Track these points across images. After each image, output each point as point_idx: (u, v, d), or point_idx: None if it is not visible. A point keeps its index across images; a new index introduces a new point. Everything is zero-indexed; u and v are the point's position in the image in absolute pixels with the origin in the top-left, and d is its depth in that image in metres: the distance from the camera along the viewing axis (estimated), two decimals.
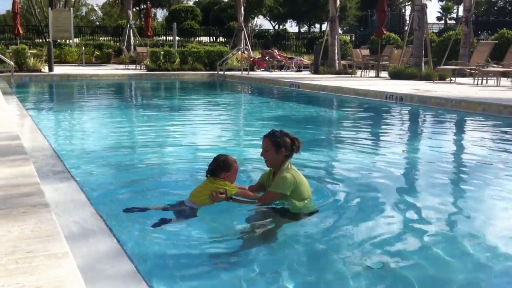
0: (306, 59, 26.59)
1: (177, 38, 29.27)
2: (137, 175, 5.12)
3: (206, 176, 3.92)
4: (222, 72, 20.38)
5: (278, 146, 3.83)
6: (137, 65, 23.51)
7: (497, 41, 18.92)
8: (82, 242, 3.05)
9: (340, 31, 43.71)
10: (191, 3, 51.49)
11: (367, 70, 20.07)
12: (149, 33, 28.31)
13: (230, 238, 3.44)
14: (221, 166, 3.85)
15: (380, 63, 19.62)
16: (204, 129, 8.57)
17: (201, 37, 39.80)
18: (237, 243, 3.36)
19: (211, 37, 40.42)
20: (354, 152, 6.58)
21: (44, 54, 21.56)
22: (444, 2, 65.17)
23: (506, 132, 8.51)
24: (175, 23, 28.60)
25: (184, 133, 8.12)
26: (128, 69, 23.15)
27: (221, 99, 14.98)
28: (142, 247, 3.24)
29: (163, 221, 3.54)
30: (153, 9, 48.43)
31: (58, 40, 28.00)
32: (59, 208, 3.60)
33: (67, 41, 28.79)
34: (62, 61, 25.77)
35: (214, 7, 41.79)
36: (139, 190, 4.54)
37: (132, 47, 28.54)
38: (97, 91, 16.54)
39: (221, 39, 39.08)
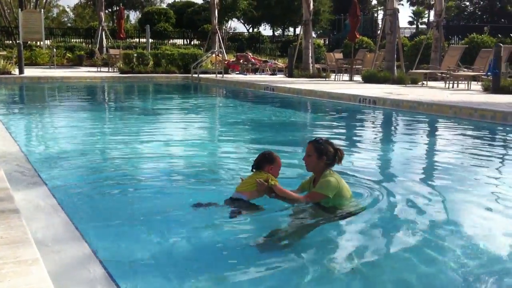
0: (281, 63, 26.68)
1: (150, 40, 29.03)
2: (109, 179, 5.05)
3: (252, 170, 4.21)
4: (196, 75, 20.30)
5: (320, 153, 4.00)
6: (110, 68, 23.25)
7: (467, 46, 19.30)
8: (53, 248, 2.99)
9: (314, 35, 44.02)
10: (164, 6, 51.22)
11: (341, 74, 20.25)
12: (122, 35, 28.02)
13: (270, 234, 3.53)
14: (266, 158, 4.17)
15: (354, 66, 19.82)
16: (179, 132, 8.53)
17: (175, 40, 39.58)
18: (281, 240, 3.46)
19: (185, 40, 40.24)
20: None
21: (14, 56, 21.14)
22: (415, 7, 66.23)
23: (476, 135, 8.69)
24: (148, 25, 28.36)
25: (157, 137, 8.05)
26: (100, 71, 22.87)
27: (196, 102, 14.91)
28: (115, 252, 3.19)
29: (236, 213, 3.77)
30: (126, 11, 47.97)
31: (29, 42, 27.50)
32: (29, 214, 3.52)
33: (38, 43, 28.29)
34: (33, 63, 25.30)
35: (188, 10, 41.62)
36: (111, 194, 4.47)
37: (105, 49, 28.21)
38: (68, 94, 16.29)
39: (195, 41, 38.95)
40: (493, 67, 13.43)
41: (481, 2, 55.63)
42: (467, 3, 57.21)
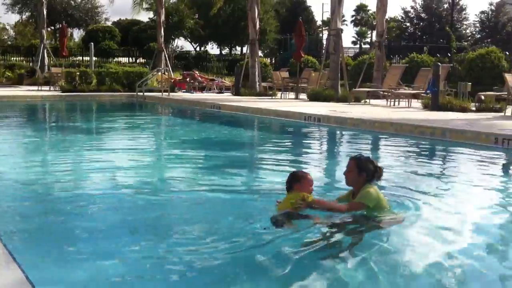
0: (228, 81, 26.69)
1: (94, 58, 28.42)
2: (46, 203, 4.81)
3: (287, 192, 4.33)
4: (141, 94, 19.98)
5: (361, 170, 4.21)
6: (52, 86, 22.53)
7: (407, 65, 19.96)
8: None
9: (260, 54, 44.46)
10: (109, 23, 50.39)
11: (287, 92, 20.44)
12: (64, 53, 27.26)
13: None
14: (293, 178, 4.30)
15: (299, 85, 20.07)
16: (122, 152, 8.26)
17: (120, 58, 38.98)
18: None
19: (130, 58, 39.70)
20: (273, 172, 6.60)
21: None
22: (359, 28, 68.23)
23: (416, 151, 8.91)
24: (92, 43, 27.80)
25: (100, 157, 7.76)
26: (41, 90, 22.12)
27: (141, 121, 14.62)
28: (50, 276, 3.01)
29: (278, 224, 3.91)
30: (69, 29, 46.86)
31: None
32: None
33: None
34: None
35: (134, 28, 41.14)
36: (47, 218, 4.25)
37: (46, 67, 27.39)
38: (6, 114, 15.62)
39: (141, 60, 38.49)
40: (432, 85, 13.90)
41: (421, 23, 57.97)
42: (408, 24, 59.46)
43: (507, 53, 22.66)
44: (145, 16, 40.73)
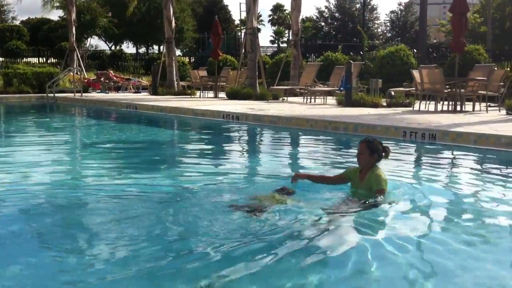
0: (145, 80, 26.14)
1: (1, 59, 26.83)
2: None
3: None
4: (52, 95, 19.08)
5: (372, 152, 4.62)
6: None
7: (322, 63, 20.44)
8: None
9: (179, 53, 44.04)
10: (17, 23, 47.80)
11: (206, 91, 20.32)
12: None
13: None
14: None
15: (218, 84, 20.00)
16: (33, 157, 7.72)
17: (29, 58, 37.06)
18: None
19: (41, 58, 37.85)
20: (190, 170, 6.51)
21: None
22: (276, 27, 69.28)
23: (329, 146, 9.12)
24: None
25: (9, 162, 7.25)
26: None
27: (52, 123, 13.92)
28: None
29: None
30: None
31: None
32: None
33: None
34: None
35: (44, 27, 39.22)
36: None
37: None
38: None
39: (53, 60, 36.78)
40: (345, 82, 14.31)
41: (335, 23, 59.85)
42: (323, 23, 61.19)
43: (415, 50, 23.87)
44: (55, 15, 39.00)
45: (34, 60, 37.03)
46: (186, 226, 4.04)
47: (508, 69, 16.09)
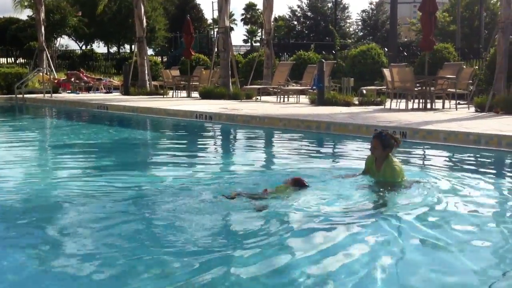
0: (117, 80, 25.84)
1: None
2: None
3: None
4: (21, 96, 18.69)
5: (385, 147, 4.97)
6: None
7: (295, 62, 20.50)
8: None
9: (151, 52, 43.63)
10: None
11: (179, 91, 20.18)
12: None
13: None
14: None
15: (191, 83, 19.89)
16: (1, 158, 7.54)
17: None
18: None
19: (9, 58, 37.02)
20: (163, 171, 6.45)
21: None
22: (249, 26, 69.29)
23: (303, 144, 9.15)
24: None
25: None
26: None
27: (20, 124, 13.64)
28: None
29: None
30: None
31: None
32: None
33: None
34: None
35: (12, 26, 38.38)
36: None
37: None
38: None
39: (21, 60, 36.01)
40: (317, 81, 14.38)
41: (308, 22, 60.10)
42: (296, 23, 61.38)
43: (386, 49, 24.14)
44: (24, 14, 38.15)
45: (2, 60, 36.21)
46: (160, 224, 4.00)
47: (477, 67, 16.42)
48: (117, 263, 3.29)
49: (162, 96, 19.33)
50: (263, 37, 23.03)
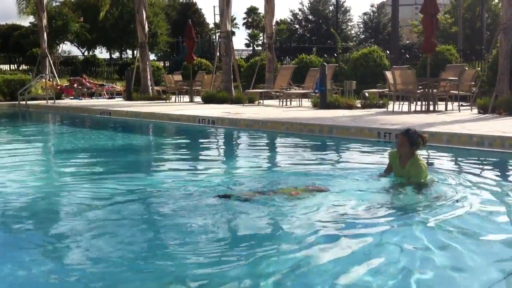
0: (119, 86, 25.92)
1: None
2: None
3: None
4: (24, 102, 18.76)
5: (412, 144, 4.97)
6: None
7: (296, 65, 20.52)
8: None
9: (154, 57, 43.71)
10: None
11: (182, 96, 20.23)
12: None
13: None
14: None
15: (193, 88, 19.93)
16: (5, 165, 7.54)
17: (0, 65, 36.41)
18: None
19: (12, 65, 37.21)
20: (167, 175, 6.44)
21: None
22: (251, 30, 69.47)
23: (306, 148, 9.14)
24: None
25: None
26: None
27: (24, 131, 13.67)
28: None
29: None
30: None
31: None
32: None
33: None
34: None
35: (14, 33, 38.58)
36: None
37: None
38: None
39: (24, 66, 36.19)
40: (319, 84, 14.38)
41: (309, 25, 60.16)
42: (297, 26, 61.45)
43: (388, 52, 24.14)
44: (26, 21, 38.25)
45: (5, 67, 36.41)
46: (166, 227, 4.01)
47: (479, 68, 16.40)
48: (120, 265, 3.29)
49: (164, 101, 19.38)
50: (265, 41, 23.10)
